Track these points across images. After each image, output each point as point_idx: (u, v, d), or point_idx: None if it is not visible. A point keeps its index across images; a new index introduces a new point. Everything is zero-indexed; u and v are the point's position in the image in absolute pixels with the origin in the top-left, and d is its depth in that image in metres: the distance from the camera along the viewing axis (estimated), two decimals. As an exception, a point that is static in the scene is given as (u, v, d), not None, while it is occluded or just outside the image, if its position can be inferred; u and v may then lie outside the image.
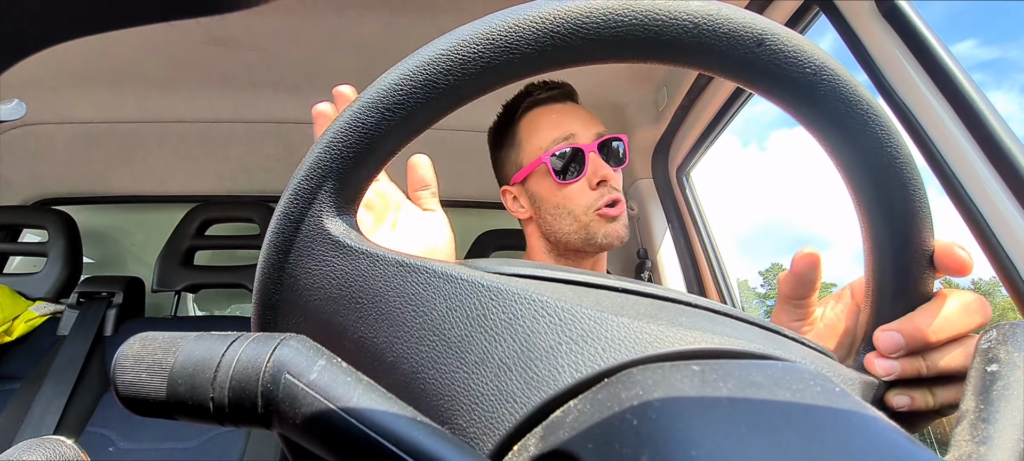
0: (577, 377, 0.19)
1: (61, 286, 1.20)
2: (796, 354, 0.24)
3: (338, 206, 0.24)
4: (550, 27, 0.20)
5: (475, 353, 0.21)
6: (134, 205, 1.52)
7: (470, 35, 0.21)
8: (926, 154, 0.59)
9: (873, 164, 0.24)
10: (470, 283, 0.22)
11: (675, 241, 1.22)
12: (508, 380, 0.20)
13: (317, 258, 0.24)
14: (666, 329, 0.21)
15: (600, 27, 0.20)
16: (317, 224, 0.24)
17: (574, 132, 0.77)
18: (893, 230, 0.26)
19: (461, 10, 0.94)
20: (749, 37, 0.21)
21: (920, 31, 0.60)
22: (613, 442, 0.16)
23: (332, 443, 0.18)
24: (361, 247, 0.24)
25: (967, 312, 0.28)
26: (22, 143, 1.26)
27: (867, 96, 0.23)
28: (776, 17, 0.79)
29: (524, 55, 0.21)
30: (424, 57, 0.21)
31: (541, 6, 0.21)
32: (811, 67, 0.22)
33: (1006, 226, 0.53)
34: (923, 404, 0.29)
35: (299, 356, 0.20)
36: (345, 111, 0.23)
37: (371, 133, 0.22)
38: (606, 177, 0.75)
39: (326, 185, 0.23)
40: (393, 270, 0.23)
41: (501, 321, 0.21)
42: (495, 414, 0.20)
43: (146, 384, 0.20)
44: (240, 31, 1.00)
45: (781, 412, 0.16)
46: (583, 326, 0.21)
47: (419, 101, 0.22)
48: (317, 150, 0.23)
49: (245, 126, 1.27)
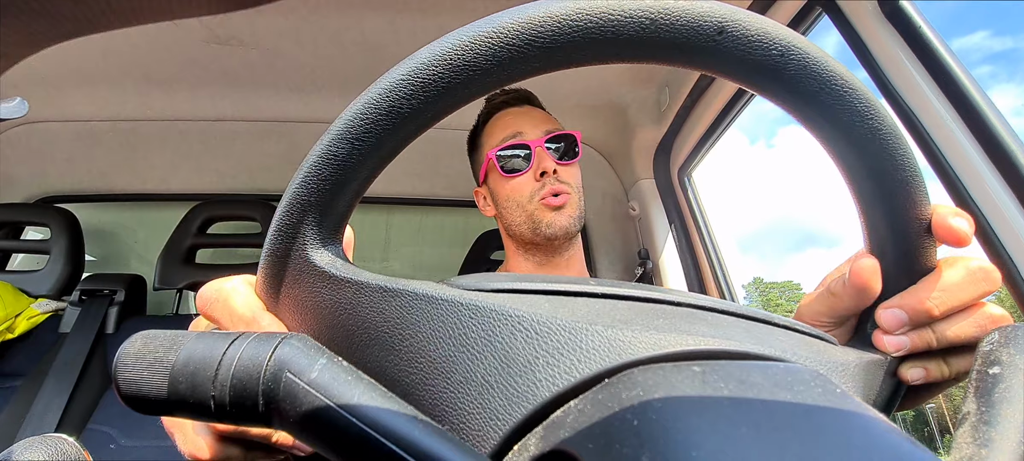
0: (553, 391, 0.20)
1: (63, 284, 1.21)
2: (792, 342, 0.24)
3: (322, 238, 0.24)
4: (506, 41, 0.20)
5: (459, 372, 0.21)
6: (136, 203, 1.52)
7: (427, 58, 0.21)
8: (928, 154, 0.59)
9: (856, 137, 0.24)
10: (450, 303, 0.22)
11: (677, 242, 1.22)
12: (491, 397, 0.20)
13: (306, 289, 0.24)
14: (640, 334, 0.21)
15: (556, 35, 0.20)
16: (303, 257, 0.24)
17: (522, 130, 0.83)
18: (885, 202, 0.26)
19: (463, 9, 0.94)
20: (709, 26, 0.21)
21: (923, 31, 0.60)
22: (613, 442, 0.16)
23: (333, 442, 0.18)
24: (346, 275, 0.24)
25: (972, 280, 0.27)
26: (25, 140, 1.26)
27: (840, 70, 0.23)
28: (778, 18, 0.79)
29: (483, 70, 0.21)
30: (385, 84, 0.21)
31: (495, 21, 0.21)
32: (777, 48, 0.22)
33: (1007, 226, 0.53)
34: (938, 374, 0.28)
35: (300, 355, 0.20)
36: (316, 145, 0.23)
37: (343, 164, 0.22)
38: (548, 169, 0.80)
39: (308, 218, 0.24)
40: (378, 296, 0.23)
41: (480, 339, 0.21)
42: (482, 432, 0.20)
43: (147, 382, 0.20)
44: (243, 30, 1.00)
45: (782, 413, 0.16)
46: (558, 338, 0.21)
47: (386, 128, 0.22)
48: (293, 185, 0.24)
49: (247, 124, 1.27)
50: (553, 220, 0.80)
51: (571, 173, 0.83)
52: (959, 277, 0.27)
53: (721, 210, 1.18)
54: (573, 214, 0.81)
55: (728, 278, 1.13)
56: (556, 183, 0.80)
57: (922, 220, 0.26)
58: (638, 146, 1.28)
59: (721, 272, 1.13)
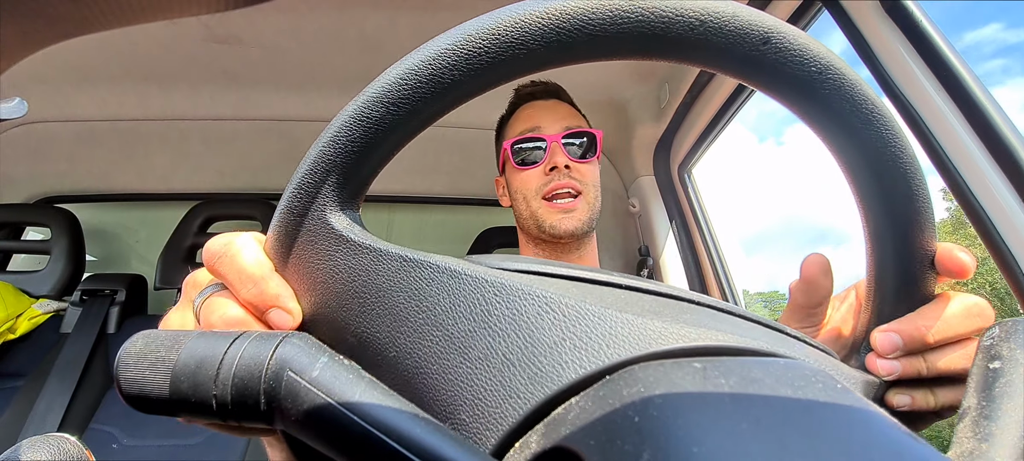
0: (581, 373, 0.19)
1: (64, 284, 1.21)
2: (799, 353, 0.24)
3: (342, 201, 0.24)
4: (558, 23, 0.20)
5: (479, 349, 0.21)
6: (136, 203, 1.52)
7: (475, 30, 0.21)
8: (930, 151, 0.59)
9: (876, 163, 0.24)
10: (474, 279, 0.22)
11: (677, 239, 1.22)
12: (512, 376, 0.20)
13: (320, 252, 0.24)
14: (670, 326, 0.21)
15: (606, 24, 0.20)
16: (321, 218, 0.24)
17: (541, 124, 0.83)
18: (895, 230, 0.26)
19: (462, 7, 0.94)
20: (755, 35, 0.21)
21: (924, 27, 0.59)
22: (615, 439, 0.16)
23: (335, 440, 0.19)
24: (365, 242, 0.24)
25: (968, 315, 0.28)
26: (25, 141, 1.26)
27: (872, 95, 0.23)
28: (779, 13, 0.79)
29: (530, 50, 0.21)
30: (429, 52, 0.21)
31: (550, 3, 0.20)
32: (816, 66, 0.22)
33: (1010, 223, 0.53)
34: (924, 404, 0.29)
35: (301, 353, 0.20)
36: (350, 105, 0.23)
37: (376, 128, 0.22)
38: (558, 164, 0.79)
39: (330, 179, 0.23)
40: (396, 265, 0.23)
41: (505, 317, 0.21)
42: (499, 410, 0.20)
43: (149, 381, 0.20)
44: (242, 28, 1.00)
45: (783, 409, 0.16)
46: (587, 322, 0.21)
47: (424, 96, 0.21)
48: (321, 144, 0.23)
49: (247, 123, 1.27)
50: (558, 223, 0.79)
51: (588, 171, 0.81)
52: (957, 310, 0.28)
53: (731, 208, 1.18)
54: (583, 217, 0.79)
55: (729, 275, 1.13)
56: (566, 179, 0.79)
57: (928, 251, 0.27)
58: (638, 143, 1.28)
59: (721, 269, 1.13)
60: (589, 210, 0.80)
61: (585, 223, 0.79)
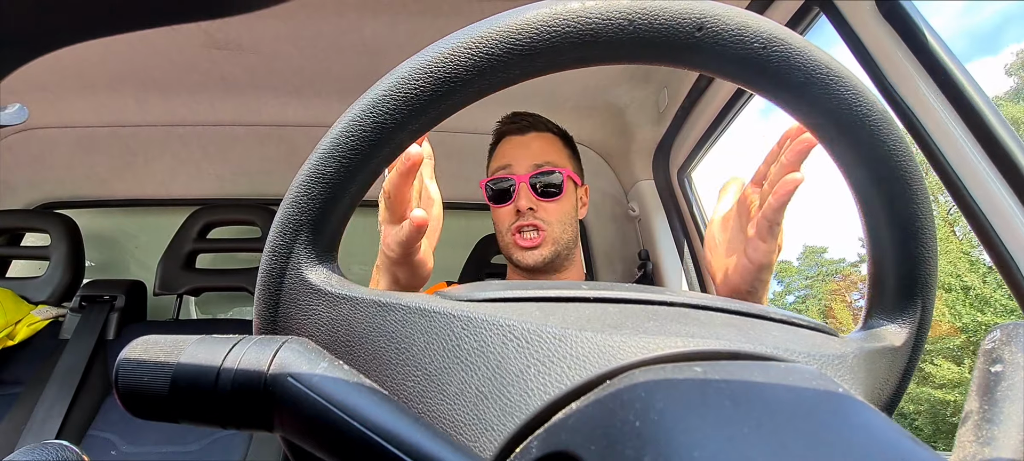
0: (545, 400, 0.19)
1: (63, 290, 1.21)
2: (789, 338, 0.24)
3: (316, 255, 0.25)
4: (486, 49, 0.20)
5: (454, 384, 0.21)
6: (136, 208, 1.52)
7: (409, 71, 0.21)
8: (927, 152, 0.59)
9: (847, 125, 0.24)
10: (443, 315, 0.22)
11: (676, 242, 1.22)
12: (485, 408, 0.20)
13: (303, 308, 0.25)
14: (629, 338, 0.21)
15: (535, 40, 0.20)
16: (298, 276, 0.24)
17: (512, 163, 0.88)
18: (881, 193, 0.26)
19: (461, 12, 0.94)
20: (688, 23, 0.21)
21: (920, 30, 0.60)
22: (615, 443, 0.15)
23: (334, 445, 0.18)
24: (340, 292, 0.24)
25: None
26: (24, 147, 1.26)
27: (825, 59, 0.23)
28: (776, 17, 0.79)
29: (465, 81, 0.21)
30: (368, 100, 0.22)
31: (477, 29, 0.21)
32: (759, 41, 0.22)
33: (1007, 224, 0.53)
34: None
35: (301, 358, 0.20)
36: (305, 165, 0.23)
37: (332, 182, 0.23)
38: (522, 207, 0.85)
39: (300, 238, 0.24)
40: (372, 310, 0.23)
41: (473, 349, 0.21)
42: (478, 444, 0.20)
43: (148, 387, 0.20)
44: (241, 34, 1.00)
45: (783, 413, 0.16)
46: (548, 346, 0.21)
47: (371, 143, 0.22)
48: (284, 206, 0.24)
49: (246, 129, 1.27)
50: (523, 257, 0.85)
51: (553, 210, 0.86)
52: None
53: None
54: (546, 252, 0.85)
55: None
56: (531, 219, 0.85)
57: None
58: (637, 147, 1.28)
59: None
60: (553, 244, 0.86)
61: (550, 255, 0.85)
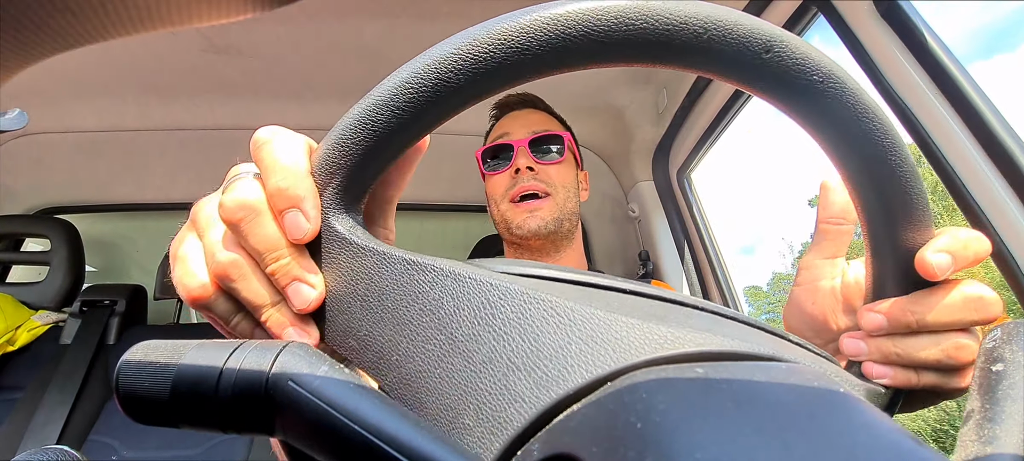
0: (587, 378, 0.19)
1: (64, 295, 1.21)
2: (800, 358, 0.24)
3: (345, 203, 0.24)
4: (564, 27, 0.20)
5: (483, 352, 0.21)
6: (136, 213, 1.52)
7: (482, 35, 0.21)
8: (926, 152, 0.59)
9: (875, 171, 0.24)
10: (478, 282, 0.22)
11: (676, 243, 1.22)
12: (516, 380, 0.20)
13: (322, 255, 0.24)
14: (676, 331, 0.20)
15: (611, 29, 0.20)
16: (324, 222, 0.24)
17: (510, 131, 0.84)
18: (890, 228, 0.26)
19: (461, 15, 0.94)
20: (757, 43, 0.21)
21: (919, 30, 0.60)
22: (617, 445, 0.15)
23: (336, 450, 0.18)
24: (367, 244, 0.24)
25: (964, 305, 0.27)
26: (24, 152, 1.26)
27: (872, 103, 0.23)
28: (774, 18, 0.79)
29: (535, 55, 0.21)
30: (436, 55, 0.21)
31: (554, 7, 0.21)
32: (818, 75, 0.22)
33: (1007, 223, 0.53)
34: (904, 381, 0.28)
35: (302, 363, 0.20)
36: (354, 108, 0.23)
37: (380, 131, 0.22)
38: (521, 166, 0.80)
39: (333, 182, 0.23)
40: (400, 268, 0.23)
41: (510, 320, 0.21)
42: (503, 414, 0.20)
43: (149, 392, 0.20)
44: (241, 39, 1.01)
45: (785, 414, 0.16)
46: (593, 326, 0.21)
47: (429, 99, 0.22)
48: (325, 147, 0.23)
49: (247, 133, 1.26)
50: (522, 222, 0.79)
51: (555, 172, 0.82)
52: (954, 299, 0.27)
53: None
54: (549, 216, 0.79)
55: (729, 279, 1.13)
56: (530, 181, 0.79)
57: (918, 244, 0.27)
58: (637, 148, 1.28)
59: (721, 273, 1.13)
60: (557, 210, 0.79)
61: (552, 222, 0.78)
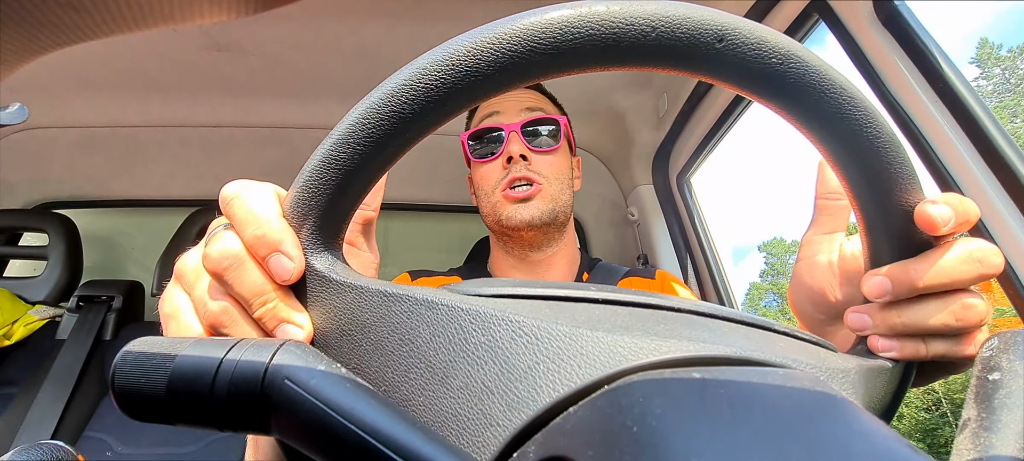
0: (554, 397, 0.19)
1: (61, 290, 1.20)
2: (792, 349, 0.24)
3: (322, 241, 0.24)
4: (508, 46, 0.20)
5: (459, 378, 0.21)
6: (135, 209, 1.52)
7: (430, 62, 0.21)
8: (925, 159, 0.59)
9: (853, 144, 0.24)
10: (450, 308, 0.22)
11: (676, 247, 1.22)
12: (490, 404, 0.20)
13: (307, 295, 0.24)
14: (640, 340, 0.21)
15: (557, 40, 0.20)
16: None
17: (500, 111, 0.76)
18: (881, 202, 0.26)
19: (460, 17, 0.95)
20: (709, 34, 0.21)
21: (919, 37, 0.60)
22: (613, 449, 0.15)
23: (331, 449, 0.18)
24: (346, 280, 0.24)
25: (968, 260, 0.26)
26: (24, 146, 1.26)
27: (840, 80, 0.23)
28: (775, 24, 0.79)
29: (485, 76, 0.21)
30: (388, 88, 0.22)
31: (500, 26, 0.21)
32: (777, 57, 0.22)
33: (1004, 227, 0.53)
34: (912, 353, 0.28)
35: (299, 361, 0.20)
36: (317, 150, 0.23)
37: (345, 168, 0.23)
38: (514, 154, 0.73)
39: (307, 224, 0.24)
40: (377, 300, 0.23)
41: (481, 344, 0.21)
42: (481, 439, 0.20)
43: (145, 388, 0.20)
44: (242, 37, 1.01)
45: (782, 419, 0.16)
46: (559, 344, 0.21)
47: (388, 132, 0.22)
48: (294, 191, 0.24)
49: (246, 131, 1.28)
50: (514, 213, 0.72)
51: (549, 162, 0.75)
52: (957, 254, 0.26)
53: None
54: (541, 207, 0.72)
55: (727, 283, 1.13)
56: (523, 171, 0.73)
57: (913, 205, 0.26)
58: (637, 152, 1.28)
59: (720, 278, 1.13)
60: (550, 201, 0.73)
61: (544, 214, 0.73)
